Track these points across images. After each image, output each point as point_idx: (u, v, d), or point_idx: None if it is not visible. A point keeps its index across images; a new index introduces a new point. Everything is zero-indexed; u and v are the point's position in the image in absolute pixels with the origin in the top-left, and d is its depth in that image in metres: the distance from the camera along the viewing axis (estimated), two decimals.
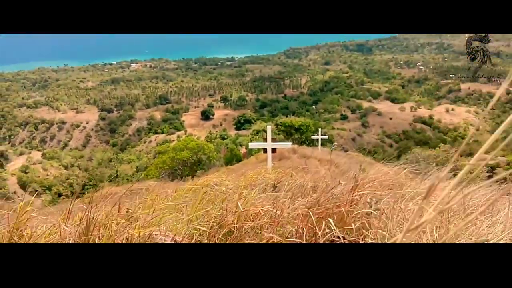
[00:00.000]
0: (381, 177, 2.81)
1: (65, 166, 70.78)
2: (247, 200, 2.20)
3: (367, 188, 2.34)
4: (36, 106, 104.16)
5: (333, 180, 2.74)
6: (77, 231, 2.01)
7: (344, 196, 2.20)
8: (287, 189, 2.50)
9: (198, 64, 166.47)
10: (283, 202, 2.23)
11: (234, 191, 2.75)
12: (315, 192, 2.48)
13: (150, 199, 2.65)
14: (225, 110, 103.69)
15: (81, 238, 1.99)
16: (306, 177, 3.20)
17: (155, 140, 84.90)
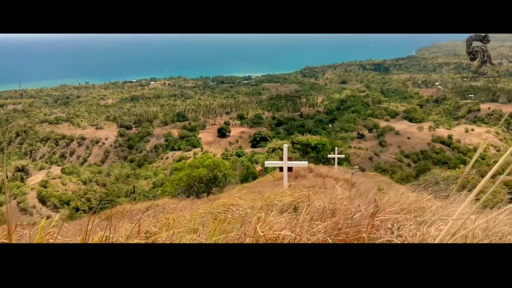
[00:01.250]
0: (402, 201, 2.75)
1: (83, 181, 71.87)
2: (266, 224, 2.18)
3: (388, 213, 2.28)
4: (57, 122, 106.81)
5: (352, 202, 2.69)
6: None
7: (365, 221, 2.14)
8: (305, 212, 2.46)
9: (216, 82, 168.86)
10: (302, 226, 2.20)
11: (251, 212, 2.73)
12: (334, 215, 2.44)
13: (167, 218, 2.66)
14: (241, 127, 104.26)
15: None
16: (324, 198, 3.16)
17: (172, 157, 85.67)
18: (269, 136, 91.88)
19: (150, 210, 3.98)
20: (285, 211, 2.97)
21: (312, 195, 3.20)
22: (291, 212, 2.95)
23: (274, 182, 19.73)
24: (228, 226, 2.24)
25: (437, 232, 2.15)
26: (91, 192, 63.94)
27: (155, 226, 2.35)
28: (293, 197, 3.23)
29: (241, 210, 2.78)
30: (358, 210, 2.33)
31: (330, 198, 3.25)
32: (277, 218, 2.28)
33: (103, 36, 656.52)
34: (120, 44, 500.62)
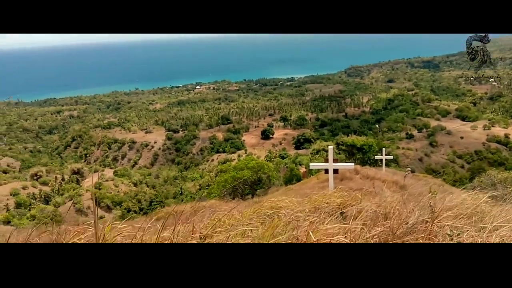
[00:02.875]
0: (459, 205, 2.60)
1: (134, 183, 74.84)
2: (318, 228, 2.15)
3: (446, 218, 2.17)
4: (110, 127, 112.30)
5: (404, 206, 2.59)
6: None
7: (421, 226, 2.04)
8: (357, 216, 2.40)
9: (259, 85, 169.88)
10: (354, 231, 2.15)
11: (300, 215, 2.71)
12: (386, 220, 2.37)
13: (218, 219, 2.70)
14: (285, 129, 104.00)
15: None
16: (373, 200, 3.07)
17: (217, 159, 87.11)
18: (313, 138, 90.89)
19: (198, 211, 4.07)
20: (333, 214, 2.93)
21: (361, 198, 3.12)
22: (339, 216, 2.90)
23: (319, 184, 19.47)
24: (278, 230, 2.24)
25: (498, 238, 2.03)
26: (142, 193, 66.41)
27: (206, 228, 2.40)
28: (341, 200, 3.17)
29: (290, 214, 2.76)
30: (413, 215, 2.23)
31: (380, 202, 3.15)
32: (329, 223, 2.24)
33: (152, 44, 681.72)
34: (167, 51, 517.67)
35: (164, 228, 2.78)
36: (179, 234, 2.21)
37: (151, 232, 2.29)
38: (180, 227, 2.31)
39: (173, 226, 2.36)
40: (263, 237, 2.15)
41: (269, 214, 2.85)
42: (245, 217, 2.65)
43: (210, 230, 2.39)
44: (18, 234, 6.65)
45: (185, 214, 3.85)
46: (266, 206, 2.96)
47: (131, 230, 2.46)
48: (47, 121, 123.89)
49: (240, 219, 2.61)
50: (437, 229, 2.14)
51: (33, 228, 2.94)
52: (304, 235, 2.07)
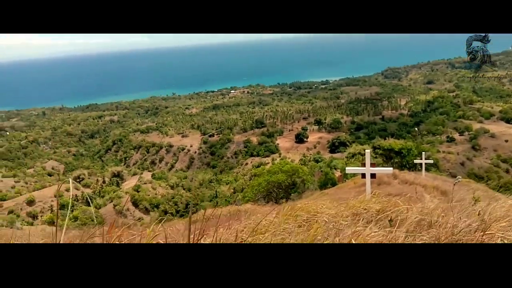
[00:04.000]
0: (510, 213, 2.44)
1: (171, 186, 76.57)
2: (361, 236, 2.09)
3: (496, 228, 2.02)
4: (148, 131, 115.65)
5: (448, 212, 2.47)
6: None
7: (469, 236, 1.93)
8: (399, 223, 2.31)
9: (293, 88, 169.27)
10: (398, 240, 2.07)
11: (338, 220, 2.65)
12: (431, 228, 2.27)
13: (255, 223, 2.70)
14: (319, 133, 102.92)
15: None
16: (415, 208, 2.95)
17: (251, 163, 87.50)
18: (348, 141, 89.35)
19: (234, 215, 4.09)
20: (372, 221, 2.84)
21: (401, 204, 3.00)
22: (378, 223, 2.81)
23: (356, 189, 19.07)
24: (317, 235, 2.20)
25: None
26: (178, 196, 67.83)
27: (246, 232, 2.40)
28: (381, 206, 3.07)
29: (329, 219, 2.71)
30: (461, 224, 2.11)
31: (422, 208, 3.03)
32: (371, 230, 2.17)
33: (188, 49, 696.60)
34: (203, 56, 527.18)
35: (203, 232, 2.81)
36: (221, 238, 2.22)
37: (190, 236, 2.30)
38: (222, 231, 2.32)
39: (211, 229, 2.38)
40: (304, 241, 2.12)
41: (306, 219, 2.82)
42: (282, 221, 2.63)
43: (250, 235, 2.39)
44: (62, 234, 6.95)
45: (222, 217, 3.86)
46: (302, 210, 2.93)
47: (172, 234, 2.51)
48: (89, 126, 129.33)
49: (277, 222, 2.59)
50: (488, 239, 2.02)
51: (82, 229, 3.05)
52: (347, 242, 2.02)
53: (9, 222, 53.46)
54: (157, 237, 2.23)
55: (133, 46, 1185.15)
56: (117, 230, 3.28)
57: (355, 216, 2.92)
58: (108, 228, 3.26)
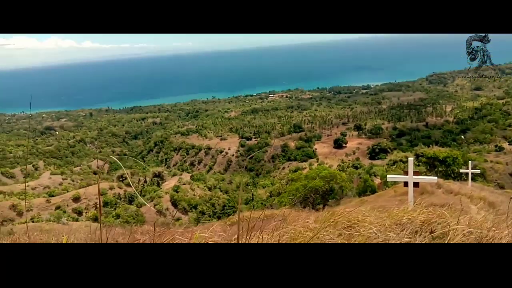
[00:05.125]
0: None
1: (209, 188, 77.77)
2: None
3: None
4: (188, 133, 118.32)
5: (500, 226, 2.34)
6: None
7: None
8: (446, 236, 2.21)
9: (332, 93, 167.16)
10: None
11: (381, 230, 2.58)
12: (481, 241, 2.16)
13: (293, 230, 2.69)
14: (359, 138, 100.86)
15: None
16: (462, 219, 2.82)
17: (288, 167, 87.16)
18: (389, 148, 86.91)
19: (271, 219, 4.09)
20: (417, 232, 2.74)
21: (448, 215, 2.87)
22: (422, 235, 2.71)
23: (397, 198, 18.47)
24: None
25: None
26: (215, 198, 68.73)
27: (285, 239, 2.39)
28: (425, 217, 2.95)
29: (370, 228, 2.64)
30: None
31: (469, 221, 2.90)
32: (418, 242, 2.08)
33: (229, 54, 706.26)
34: (243, 60, 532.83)
35: (241, 235, 2.83)
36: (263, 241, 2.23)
37: (232, 240, 2.34)
38: (264, 235, 2.33)
39: (252, 233, 2.39)
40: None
41: (346, 227, 2.77)
42: (321, 228, 2.59)
43: (288, 240, 2.38)
44: (105, 231, 7.26)
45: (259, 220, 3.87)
46: (343, 217, 2.87)
47: (215, 237, 2.55)
48: (133, 127, 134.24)
49: (316, 229, 2.55)
50: None
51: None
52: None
53: (56, 217, 56.50)
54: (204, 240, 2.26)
55: (176, 51, 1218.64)
56: (159, 230, 3.37)
57: (398, 226, 2.84)
58: (148, 226, 3.34)
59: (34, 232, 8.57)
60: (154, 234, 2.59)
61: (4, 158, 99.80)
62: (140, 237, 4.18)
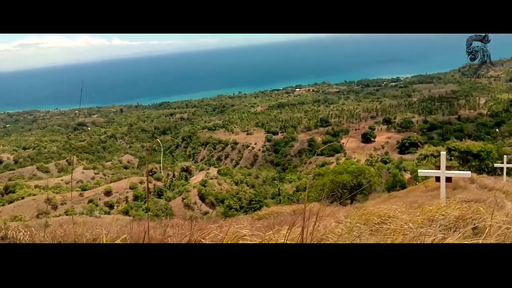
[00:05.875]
0: None
1: (235, 182, 78.31)
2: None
3: None
4: (215, 128, 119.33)
5: None
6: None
7: None
8: (484, 233, 2.13)
9: (360, 86, 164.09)
10: None
11: (412, 226, 2.53)
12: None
13: (324, 226, 2.68)
14: (388, 132, 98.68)
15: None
16: (497, 214, 2.71)
17: (315, 162, 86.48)
18: (420, 142, 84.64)
19: (298, 214, 4.09)
20: (451, 228, 2.67)
21: (483, 211, 2.77)
22: (457, 231, 2.63)
23: (428, 193, 18.01)
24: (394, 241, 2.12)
25: None
26: (242, 192, 69.15)
27: (313, 233, 2.38)
28: (460, 213, 2.86)
29: (403, 225, 2.59)
30: None
31: (507, 217, 2.79)
32: (452, 239, 2.04)
33: (255, 49, 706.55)
34: (270, 55, 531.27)
35: (269, 230, 2.85)
36: (292, 238, 2.24)
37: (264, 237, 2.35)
38: (290, 231, 2.34)
39: (281, 227, 2.40)
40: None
41: (378, 223, 2.72)
42: (352, 224, 2.56)
43: (320, 236, 2.38)
44: (136, 224, 7.47)
45: (286, 215, 3.88)
46: (373, 213, 2.82)
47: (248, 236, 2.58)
48: (161, 123, 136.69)
49: (348, 225, 2.52)
50: None
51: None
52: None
53: (89, 211, 58.51)
54: (239, 238, 2.29)
55: (202, 47, 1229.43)
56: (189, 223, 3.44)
57: (431, 222, 2.76)
58: (177, 220, 3.41)
59: (68, 224, 8.91)
60: (192, 230, 2.65)
61: (39, 153, 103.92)
62: (169, 231, 4.28)
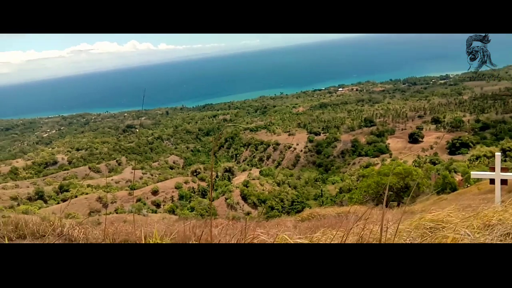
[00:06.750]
0: None
1: (277, 183, 78.36)
2: None
3: None
4: (257, 129, 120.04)
5: None
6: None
7: None
8: None
9: (407, 84, 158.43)
10: None
11: (470, 233, 2.42)
12: None
13: (369, 228, 2.62)
14: (437, 132, 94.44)
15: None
16: None
17: (359, 163, 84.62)
18: (471, 142, 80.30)
19: (343, 216, 4.04)
20: (508, 234, 2.52)
21: None
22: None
23: (480, 196, 17.06)
24: None
25: None
26: (284, 193, 69.08)
27: (371, 237, 2.35)
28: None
29: (455, 230, 2.48)
30: None
31: None
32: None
33: (297, 49, 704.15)
34: (312, 54, 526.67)
35: (314, 232, 2.83)
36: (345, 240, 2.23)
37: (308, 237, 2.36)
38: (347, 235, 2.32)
39: (325, 229, 2.39)
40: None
41: (430, 228, 2.62)
42: (402, 229, 2.48)
43: (369, 240, 2.34)
44: (183, 223, 7.70)
45: (330, 217, 3.83)
46: (425, 218, 2.72)
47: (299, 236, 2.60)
48: (205, 124, 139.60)
49: (398, 230, 2.45)
50: None
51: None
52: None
53: (137, 209, 60.92)
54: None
55: (245, 49, 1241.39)
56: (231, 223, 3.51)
57: (487, 227, 2.63)
58: (221, 220, 3.47)
59: (119, 222, 9.36)
60: (244, 231, 2.70)
61: (91, 154, 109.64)
62: (217, 232, 4.37)
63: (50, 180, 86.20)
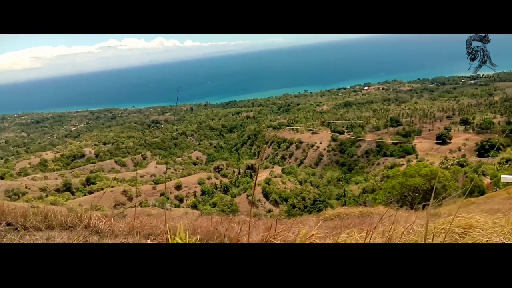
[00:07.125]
0: None
1: (299, 181, 78.02)
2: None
3: None
4: (280, 127, 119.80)
5: None
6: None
7: None
8: None
9: (436, 84, 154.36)
10: None
11: (503, 240, 2.35)
12: None
13: (394, 229, 2.58)
14: (466, 134, 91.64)
15: None
16: None
17: (383, 163, 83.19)
18: (502, 145, 77.51)
19: (366, 216, 3.99)
20: None
21: None
22: None
23: (510, 200, 16.54)
24: None
25: None
26: (306, 192, 68.68)
27: (385, 237, 2.32)
28: None
29: (484, 235, 2.41)
30: None
31: None
32: None
33: (323, 46, 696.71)
34: (338, 52, 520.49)
35: (339, 232, 2.81)
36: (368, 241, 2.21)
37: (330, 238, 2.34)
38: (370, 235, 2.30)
39: (350, 229, 2.37)
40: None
41: (459, 233, 2.56)
42: (429, 233, 2.42)
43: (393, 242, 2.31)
44: (205, 218, 7.79)
45: (352, 218, 3.79)
46: (454, 223, 2.64)
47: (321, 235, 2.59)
48: (228, 121, 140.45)
49: (424, 233, 2.40)
50: None
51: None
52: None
53: (160, 203, 61.96)
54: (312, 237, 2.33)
55: (269, 46, 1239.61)
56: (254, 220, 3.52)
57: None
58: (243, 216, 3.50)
59: (143, 216, 9.55)
60: (268, 229, 2.72)
61: (118, 148, 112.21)
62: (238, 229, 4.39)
63: (77, 173, 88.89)
